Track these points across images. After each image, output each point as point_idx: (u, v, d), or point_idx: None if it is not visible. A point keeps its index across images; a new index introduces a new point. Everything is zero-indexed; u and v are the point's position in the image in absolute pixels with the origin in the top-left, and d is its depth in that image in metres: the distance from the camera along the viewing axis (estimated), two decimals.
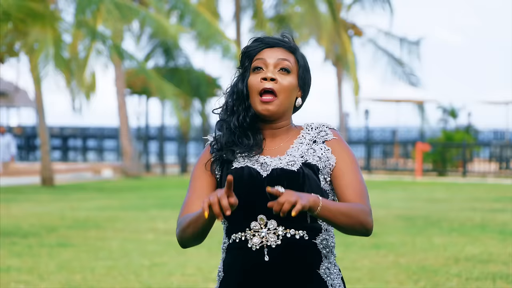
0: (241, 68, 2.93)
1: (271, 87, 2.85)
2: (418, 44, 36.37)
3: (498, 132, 43.02)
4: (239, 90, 2.90)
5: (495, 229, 12.60)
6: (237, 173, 2.85)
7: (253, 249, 2.82)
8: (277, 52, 2.90)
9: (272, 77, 2.85)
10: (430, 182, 26.00)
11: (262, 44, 2.91)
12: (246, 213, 2.83)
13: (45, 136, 24.44)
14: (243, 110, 2.89)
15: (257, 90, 2.86)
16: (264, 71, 2.87)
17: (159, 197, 19.22)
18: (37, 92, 24.09)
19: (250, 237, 2.83)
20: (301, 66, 2.93)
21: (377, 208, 15.87)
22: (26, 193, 20.72)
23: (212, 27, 26.81)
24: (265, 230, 2.82)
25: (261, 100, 2.85)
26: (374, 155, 31.78)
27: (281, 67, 2.88)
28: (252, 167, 2.85)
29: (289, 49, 2.92)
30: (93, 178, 29.11)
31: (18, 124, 50.40)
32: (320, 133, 2.93)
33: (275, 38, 2.94)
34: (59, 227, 12.98)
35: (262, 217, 2.82)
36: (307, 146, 2.90)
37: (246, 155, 2.88)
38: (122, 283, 8.26)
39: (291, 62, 2.90)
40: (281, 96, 2.86)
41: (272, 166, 2.85)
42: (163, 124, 35.46)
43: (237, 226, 2.86)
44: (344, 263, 9.33)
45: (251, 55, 2.91)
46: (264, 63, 2.88)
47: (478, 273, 8.68)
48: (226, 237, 2.92)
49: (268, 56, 2.89)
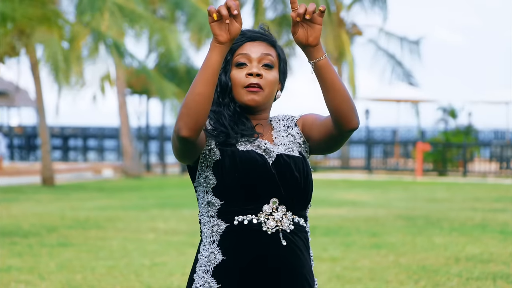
0: (224, 60, 2.90)
1: (257, 82, 2.88)
2: (418, 44, 36.38)
3: (499, 132, 43.01)
4: (223, 83, 2.91)
5: (495, 229, 12.59)
6: (246, 156, 2.85)
7: (268, 233, 2.83)
8: (260, 47, 2.92)
9: (258, 72, 2.88)
10: (430, 182, 25.99)
11: (244, 38, 2.92)
12: (255, 195, 2.83)
13: (45, 136, 24.44)
14: (230, 101, 2.91)
15: (243, 85, 2.88)
16: (248, 66, 2.89)
17: (159, 197, 19.22)
18: (37, 92, 24.09)
19: (264, 220, 2.83)
20: (281, 59, 2.97)
21: (378, 208, 15.88)
22: (27, 192, 20.72)
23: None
24: (277, 214, 2.84)
25: (247, 90, 2.88)
26: (374, 155, 31.77)
27: (264, 63, 2.90)
28: (257, 152, 2.88)
29: (270, 43, 2.95)
30: (93, 178, 29.11)
31: (19, 124, 50.41)
32: (288, 120, 3.01)
33: (256, 31, 2.95)
34: (60, 226, 12.98)
35: (275, 200, 2.84)
36: (285, 133, 2.96)
37: (246, 139, 2.89)
38: (122, 282, 8.26)
39: (273, 56, 2.93)
40: (266, 89, 2.90)
41: (275, 152, 2.89)
42: (163, 123, 35.46)
43: (241, 208, 2.83)
44: (345, 263, 9.33)
45: (232, 48, 2.91)
46: (248, 58, 2.90)
47: (478, 273, 8.68)
48: (218, 219, 2.86)
49: (252, 51, 2.90)
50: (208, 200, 2.87)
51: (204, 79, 2.70)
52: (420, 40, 36.54)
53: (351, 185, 23.91)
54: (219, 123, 2.88)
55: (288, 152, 2.90)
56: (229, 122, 2.88)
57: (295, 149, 2.92)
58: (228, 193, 2.84)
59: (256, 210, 2.83)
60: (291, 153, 2.89)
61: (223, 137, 2.86)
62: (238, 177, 2.82)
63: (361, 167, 31.89)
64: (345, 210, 15.25)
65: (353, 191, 21.07)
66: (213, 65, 2.70)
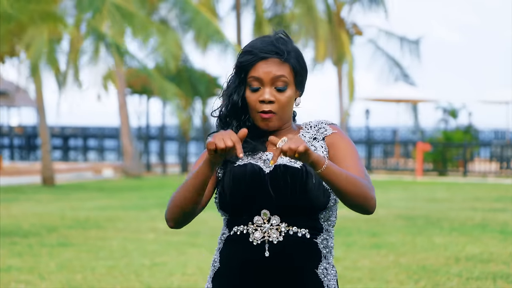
0: (237, 78, 2.90)
1: (270, 109, 2.86)
2: (417, 44, 36.37)
3: (499, 132, 43.00)
4: (234, 102, 2.90)
5: (495, 229, 12.59)
6: (240, 170, 2.86)
7: (254, 244, 2.82)
8: (272, 67, 2.86)
9: (270, 99, 2.85)
10: (430, 181, 25.99)
11: (256, 57, 2.86)
12: (249, 208, 2.84)
13: (45, 135, 24.45)
14: (237, 122, 2.91)
15: (257, 110, 2.87)
16: (261, 91, 2.86)
17: (159, 196, 19.21)
18: (37, 91, 24.10)
19: (252, 231, 2.83)
20: (297, 72, 2.90)
21: (378, 208, 15.83)
22: (27, 192, 20.73)
23: (211, 25, 26.83)
24: (267, 225, 2.83)
25: (261, 117, 2.87)
26: (374, 155, 31.77)
27: (277, 87, 2.86)
28: (255, 164, 2.87)
29: (284, 60, 2.87)
30: (93, 177, 29.11)
31: (19, 123, 50.41)
32: (320, 130, 2.95)
33: (268, 48, 2.87)
34: (60, 226, 12.98)
35: (266, 212, 2.83)
36: (308, 144, 2.90)
37: (249, 153, 2.90)
38: (122, 282, 8.26)
39: (287, 74, 2.87)
40: (280, 112, 2.88)
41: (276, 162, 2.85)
42: (163, 123, 35.46)
43: (239, 219, 2.86)
44: (345, 262, 9.33)
45: (245, 69, 2.88)
46: (260, 82, 2.86)
47: (478, 272, 8.68)
48: (226, 228, 2.92)
49: (263, 74, 2.85)
50: (221, 213, 2.94)
51: (193, 186, 2.78)
52: (420, 40, 36.55)
53: None
54: None
55: (291, 161, 2.86)
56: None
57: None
58: (225, 205, 2.88)
59: (248, 221, 2.85)
60: (292, 164, 2.85)
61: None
62: (232, 190, 2.84)
63: None
64: (345, 210, 15.17)
65: None
66: (204, 175, 2.75)
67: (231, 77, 2.93)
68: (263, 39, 2.91)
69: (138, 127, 36.40)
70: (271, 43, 2.88)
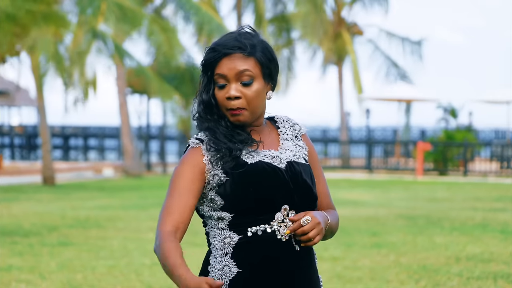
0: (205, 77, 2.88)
1: (238, 106, 2.84)
2: (420, 45, 36.35)
3: (499, 132, 43.02)
4: (205, 101, 2.88)
5: (496, 229, 12.59)
6: (255, 168, 2.83)
7: (283, 240, 2.83)
8: (236, 62, 2.84)
9: (236, 95, 2.83)
10: (431, 181, 25.99)
11: (219, 54, 2.85)
12: (269, 207, 2.82)
13: (46, 135, 24.44)
14: (218, 117, 2.88)
15: (225, 107, 2.86)
16: (227, 87, 2.84)
17: (160, 196, 19.21)
18: (38, 91, 24.10)
19: (277, 229, 2.83)
20: (263, 65, 2.87)
21: (378, 208, 15.87)
22: (27, 192, 20.73)
23: (213, 24, 26.83)
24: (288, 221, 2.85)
25: (230, 113, 2.86)
26: (375, 154, 31.78)
27: (242, 81, 2.84)
28: (265, 161, 2.85)
29: (247, 54, 2.85)
30: (94, 177, 29.12)
31: (19, 123, 50.44)
32: (294, 127, 3.00)
33: (231, 44, 2.85)
34: (60, 226, 12.99)
35: (287, 207, 2.84)
36: (292, 142, 2.96)
37: (249, 151, 2.86)
38: (123, 282, 8.26)
39: (251, 68, 2.85)
40: (250, 106, 2.86)
41: (284, 159, 2.88)
42: (164, 123, 35.47)
43: (253, 219, 2.81)
44: (345, 262, 9.33)
45: (211, 64, 2.86)
46: (225, 79, 2.84)
47: (479, 272, 8.68)
48: (231, 232, 2.83)
49: (227, 70, 2.83)
50: (218, 216, 2.85)
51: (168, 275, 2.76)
52: (422, 41, 36.51)
53: (351, 184, 23.92)
54: (217, 141, 2.85)
55: (296, 158, 2.91)
56: (226, 136, 2.86)
57: (301, 157, 2.94)
58: (241, 207, 2.82)
59: (269, 219, 2.82)
60: (299, 160, 2.91)
61: (227, 156, 2.83)
62: (252, 191, 2.80)
63: (362, 166, 31.90)
64: (345, 210, 15.24)
65: (353, 190, 21.07)
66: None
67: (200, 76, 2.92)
68: (227, 35, 2.90)
69: (139, 127, 36.41)
70: (235, 39, 2.87)
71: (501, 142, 33.77)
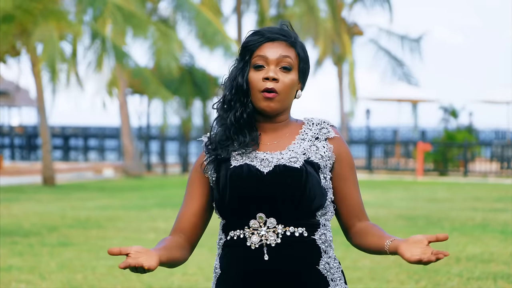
0: (241, 61, 2.88)
1: (273, 87, 2.82)
2: (419, 42, 36.32)
3: (499, 132, 43.01)
4: (239, 84, 2.85)
5: (496, 229, 12.59)
6: (236, 171, 2.82)
7: (252, 248, 2.79)
8: (278, 48, 2.85)
9: (274, 77, 2.82)
10: (431, 181, 25.99)
11: (263, 38, 2.86)
12: (246, 211, 2.80)
13: (46, 135, 24.44)
14: (241, 105, 2.85)
15: (259, 89, 2.83)
16: (265, 69, 2.84)
17: (160, 196, 19.22)
18: (38, 91, 24.10)
19: (249, 236, 2.80)
20: (301, 59, 2.89)
21: (378, 208, 15.87)
22: (27, 192, 20.72)
23: (213, 25, 26.84)
24: (264, 228, 2.79)
25: (263, 96, 2.83)
26: (375, 155, 31.78)
27: (282, 66, 2.85)
28: (251, 164, 2.82)
29: (290, 43, 2.88)
30: (94, 177, 29.12)
31: (20, 123, 50.42)
32: (322, 130, 2.92)
33: (276, 31, 2.88)
34: (60, 226, 12.99)
35: (261, 215, 2.79)
36: (309, 142, 2.89)
37: (243, 151, 2.85)
38: (123, 282, 8.26)
39: (292, 58, 2.86)
40: (283, 93, 2.84)
41: (274, 162, 2.82)
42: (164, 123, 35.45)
43: (235, 223, 2.83)
44: (345, 262, 9.33)
45: (251, 49, 2.86)
46: (265, 61, 2.84)
47: (479, 272, 8.68)
48: (222, 233, 2.88)
49: (269, 53, 2.84)
50: (217, 216, 2.92)
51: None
52: (421, 38, 36.47)
53: None
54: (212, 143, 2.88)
55: (291, 162, 2.82)
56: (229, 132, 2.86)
57: (301, 160, 2.83)
58: (222, 209, 2.85)
59: (243, 225, 2.81)
60: (291, 164, 2.81)
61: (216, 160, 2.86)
62: (228, 193, 2.81)
63: (362, 167, 31.89)
64: None
65: None
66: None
67: (233, 66, 2.92)
68: (269, 27, 2.93)
69: (139, 127, 36.41)
70: (278, 29, 2.90)
71: (501, 142, 33.77)
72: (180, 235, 2.92)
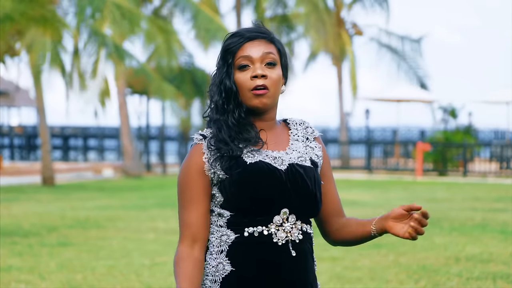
0: (224, 64, 2.88)
1: (263, 83, 2.84)
2: (419, 42, 36.31)
3: (499, 132, 43.02)
4: (228, 87, 2.86)
5: (495, 229, 12.60)
6: (255, 168, 2.81)
7: (279, 244, 2.80)
8: (260, 46, 2.88)
9: (263, 73, 2.84)
10: (430, 181, 25.99)
11: (243, 38, 2.88)
12: (269, 208, 2.80)
13: (46, 135, 24.44)
14: (235, 107, 2.86)
15: (249, 88, 2.85)
16: (251, 68, 2.86)
17: (159, 196, 19.22)
18: (37, 91, 24.10)
19: (274, 232, 2.81)
20: (282, 55, 2.92)
21: (378, 208, 15.87)
22: (27, 192, 20.73)
23: (213, 24, 26.83)
24: (287, 224, 2.82)
25: (254, 94, 2.84)
26: (374, 155, 31.78)
27: (267, 62, 2.87)
28: (265, 162, 2.83)
29: (270, 40, 2.90)
30: (93, 177, 29.11)
31: (19, 123, 50.43)
32: (307, 130, 2.99)
33: (254, 30, 2.91)
34: (60, 226, 12.99)
35: (286, 211, 2.82)
36: (303, 143, 2.94)
37: (252, 149, 2.84)
38: (122, 282, 8.26)
39: (274, 53, 2.89)
40: (273, 88, 2.86)
41: (287, 160, 2.85)
42: (164, 123, 35.47)
43: (253, 220, 2.80)
44: (345, 262, 9.33)
45: (233, 51, 2.87)
46: (250, 60, 2.86)
47: (478, 272, 8.68)
48: (229, 230, 2.83)
49: (252, 52, 2.86)
50: (218, 212, 2.86)
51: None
52: (422, 39, 36.46)
53: (351, 185, 23.91)
54: (218, 139, 2.85)
55: (301, 160, 2.87)
56: (232, 132, 2.85)
57: (308, 159, 2.90)
58: (238, 206, 2.81)
59: (267, 221, 2.81)
60: (303, 163, 2.87)
61: (227, 156, 2.82)
62: (249, 190, 2.79)
63: (361, 167, 31.90)
64: (345, 210, 15.20)
65: (353, 191, 21.06)
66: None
67: (215, 71, 2.92)
68: (245, 27, 2.95)
69: (138, 127, 36.41)
70: (255, 28, 2.93)
71: (500, 142, 33.78)
72: (196, 246, 2.87)
